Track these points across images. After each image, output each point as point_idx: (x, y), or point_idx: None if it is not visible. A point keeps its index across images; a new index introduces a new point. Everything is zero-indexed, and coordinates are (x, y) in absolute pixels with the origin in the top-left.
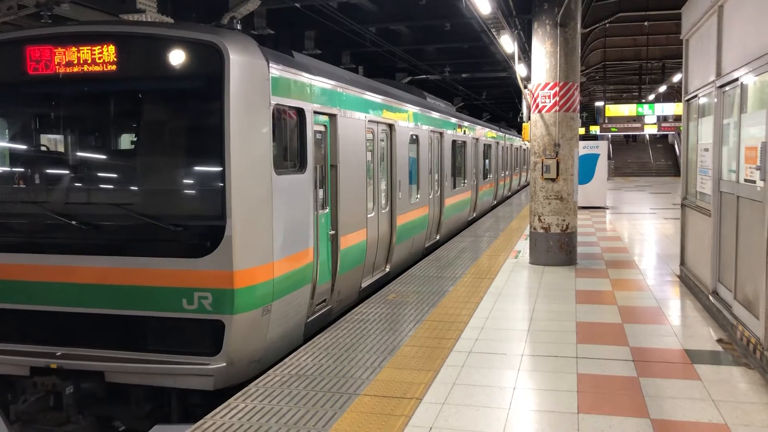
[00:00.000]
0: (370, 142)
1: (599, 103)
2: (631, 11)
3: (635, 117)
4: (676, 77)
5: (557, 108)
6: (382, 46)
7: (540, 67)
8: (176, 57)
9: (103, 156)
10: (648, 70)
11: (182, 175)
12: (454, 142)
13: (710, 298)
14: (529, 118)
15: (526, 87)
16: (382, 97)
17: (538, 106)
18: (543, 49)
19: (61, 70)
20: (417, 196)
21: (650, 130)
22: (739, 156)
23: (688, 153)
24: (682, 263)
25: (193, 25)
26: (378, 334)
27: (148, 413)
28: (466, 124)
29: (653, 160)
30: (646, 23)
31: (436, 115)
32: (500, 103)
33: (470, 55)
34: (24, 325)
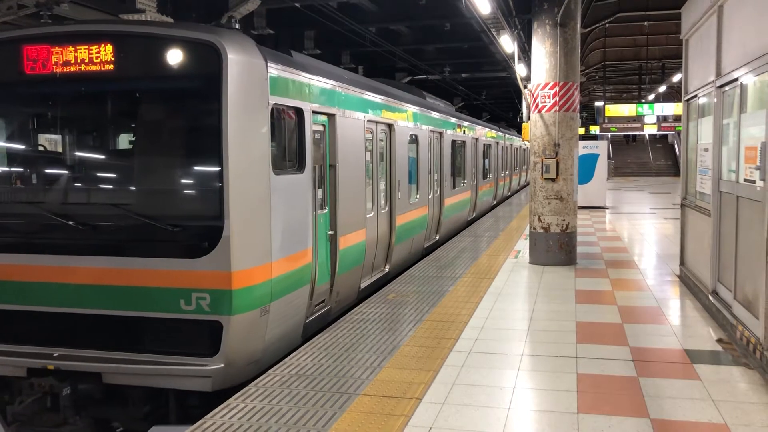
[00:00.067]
0: (369, 142)
1: (599, 103)
2: (631, 11)
3: (635, 117)
4: (676, 77)
5: (557, 108)
6: (382, 46)
7: (540, 67)
8: (174, 56)
9: (100, 156)
10: (648, 70)
11: (180, 175)
12: (453, 141)
13: (710, 297)
14: (529, 118)
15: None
16: (382, 97)
17: (537, 106)
18: (543, 49)
19: (58, 69)
20: (416, 196)
21: (650, 130)
22: (738, 156)
23: (688, 153)
24: (682, 263)
25: (191, 25)
26: (378, 334)
27: (145, 414)
28: (466, 123)
29: (653, 160)
30: (645, 23)
31: (435, 114)
32: (500, 103)
33: (470, 55)
34: (21, 326)
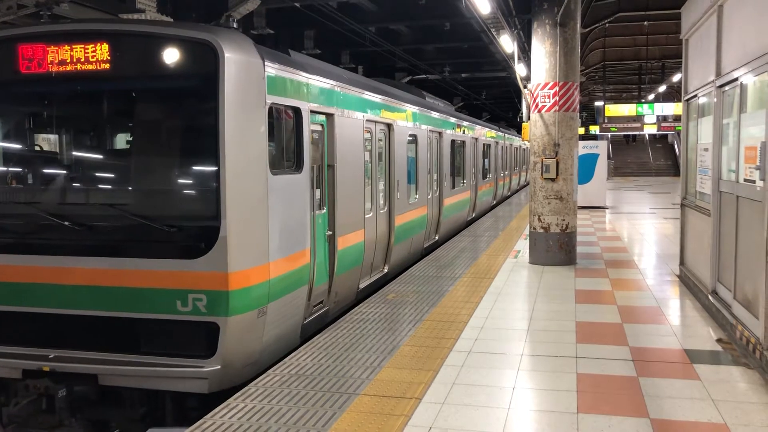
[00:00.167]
0: (368, 141)
1: (599, 103)
2: (631, 11)
3: (635, 117)
4: (676, 77)
5: (557, 108)
6: (382, 45)
7: (539, 66)
8: (170, 55)
9: (96, 156)
10: (647, 70)
11: (177, 175)
12: (453, 141)
13: (710, 297)
14: (529, 118)
15: (525, 87)
16: (381, 97)
17: (537, 105)
18: (542, 49)
19: (54, 68)
20: (416, 196)
21: (650, 130)
22: (738, 156)
23: (688, 153)
24: (682, 263)
25: (188, 24)
26: (377, 334)
27: (142, 416)
28: (466, 123)
29: (653, 159)
30: (645, 23)
31: (435, 114)
32: (500, 102)
33: (470, 55)
34: (16, 327)
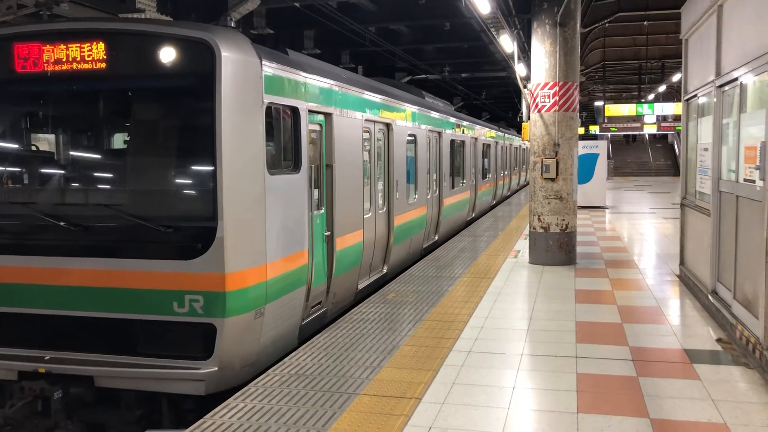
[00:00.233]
0: (366, 141)
1: (599, 103)
2: (631, 11)
3: (635, 117)
4: (676, 77)
5: (557, 108)
6: (382, 45)
7: (539, 66)
8: (166, 54)
9: (92, 156)
10: (647, 70)
11: (173, 175)
12: (452, 141)
13: (709, 297)
14: (529, 118)
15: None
16: (380, 96)
17: (537, 105)
18: (542, 49)
19: (49, 68)
20: (415, 196)
21: (650, 130)
22: (738, 156)
23: (688, 153)
24: (682, 263)
25: (184, 23)
26: (377, 334)
27: (138, 418)
28: (465, 123)
29: (653, 159)
30: (645, 23)
31: (434, 114)
32: (500, 102)
33: (470, 55)
34: (12, 329)
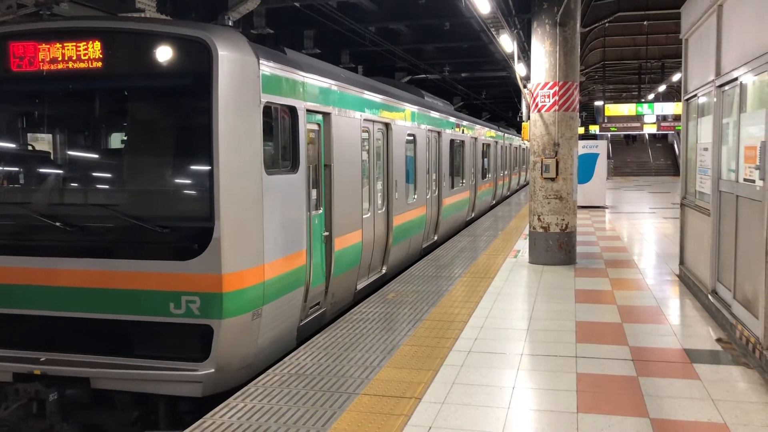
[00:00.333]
0: (365, 141)
1: (599, 103)
2: (631, 11)
3: (635, 116)
4: (676, 77)
5: (557, 107)
6: (382, 45)
7: (539, 66)
8: (163, 53)
9: (88, 155)
10: (647, 70)
11: (169, 175)
12: (452, 141)
13: (709, 297)
14: (529, 118)
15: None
16: (379, 96)
17: (537, 105)
18: (542, 49)
19: (45, 67)
20: (414, 196)
21: (649, 130)
22: (738, 155)
23: (688, 152)
24: (682, 263)
25: (181, 21)
26: (377, 334)
27: (135, 420)
28: (465, 123)
29: (652, 159)
30: (645, 23)
31: (434, 114)
32: (500, 102)
33: (470, 55)
34: (7, 330)
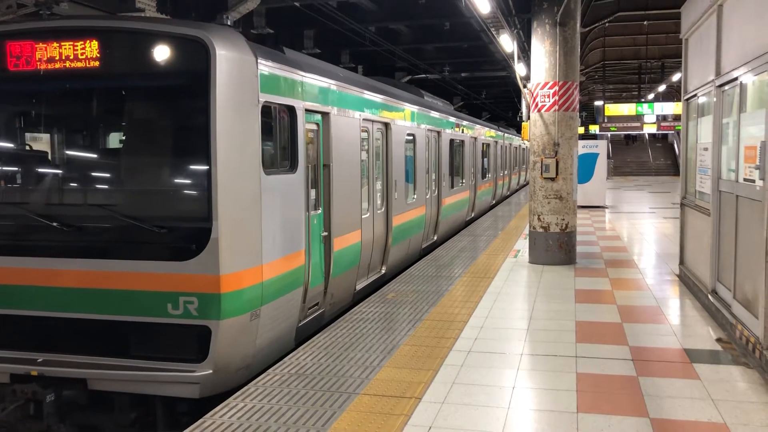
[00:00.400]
0: (365, 141)
1: (598, 103)
2: (631, 10)
3: (635, 116)
4: (676, 76)
5: (557, 107)
6: (382, 45)
7: (539, 66)
8: (161, 52)
9: (85, 155)
10: (647, 70)
11: (167, 175)
12: (452, 141)
13: (709, 297)
14: (529, 118)
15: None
16: (378, 96)
17: (537, 105)
18: (542, 49)
19: (42, 66)
20: (414, 196)
21: (649, 130)
22: (738, 155)
23: (688, 152)
24: (682, 262)
25: (179, 20)
26: (377, 334)
27: (132, 421)
28: (465, 123)
29: (652, 159)
30: (645, 22)
31: (433, 113)
32: (499, 102)
33: (470, 55)
34: (4, 331)
